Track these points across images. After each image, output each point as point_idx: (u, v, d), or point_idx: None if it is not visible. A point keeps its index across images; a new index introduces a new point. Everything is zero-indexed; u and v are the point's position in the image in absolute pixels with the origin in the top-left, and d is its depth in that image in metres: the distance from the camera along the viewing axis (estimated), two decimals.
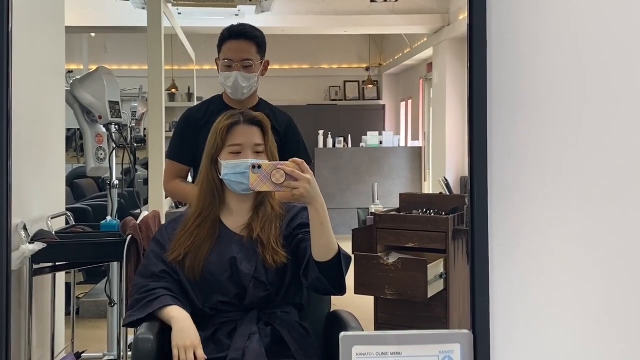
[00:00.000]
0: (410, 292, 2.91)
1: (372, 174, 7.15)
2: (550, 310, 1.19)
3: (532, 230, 1.19)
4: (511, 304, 1.16)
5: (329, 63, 8.77)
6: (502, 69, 1.18)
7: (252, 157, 1.70)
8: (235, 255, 1.70)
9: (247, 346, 1.60)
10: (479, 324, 1.09)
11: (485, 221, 1.12)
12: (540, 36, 1.20)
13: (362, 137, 7.58)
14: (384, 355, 0.98)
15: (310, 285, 1.66)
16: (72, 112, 3.00)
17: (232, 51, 2.16)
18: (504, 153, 1.18)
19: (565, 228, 1.20)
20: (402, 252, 3.12)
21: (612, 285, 1.21)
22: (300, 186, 1.49)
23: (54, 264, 2.42)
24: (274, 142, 1.78)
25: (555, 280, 1.19)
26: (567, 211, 1.20)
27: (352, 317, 1.77)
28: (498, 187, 1.17)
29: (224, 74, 2.17)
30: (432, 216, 3.19)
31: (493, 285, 1.13)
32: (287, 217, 1.75)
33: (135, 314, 1.68)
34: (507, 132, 1.18)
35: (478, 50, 1.14)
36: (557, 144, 1.20)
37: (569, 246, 1.20)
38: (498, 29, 1.18)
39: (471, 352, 1.05)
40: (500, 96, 1.18)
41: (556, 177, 1.20)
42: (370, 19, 6.48)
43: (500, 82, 1.18)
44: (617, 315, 1.20)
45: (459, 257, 3.12)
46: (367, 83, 8.83)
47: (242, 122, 1.75)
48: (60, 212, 2.77)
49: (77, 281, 3.08)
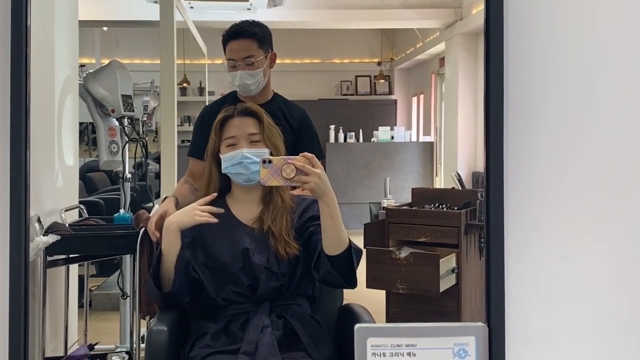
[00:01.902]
0: (422, 287, 2.90)
1: (383, 169, 7.13)
2: (565, 303, 1.18)
3: (547, 225, 1.19)
4: (526, 297, 1.16)
5: (341, 57, 8.74)
6: (518, 65, 1.18)
7: (247, 147, 1.73)
8: (247, 246, 1.70)
9: (260, 339, 1.60)
10: (493, 316, 1.09)
11: (501, 215, 1.12)
12: (556, 32, 1.20)
13: (374, 132, 7.56)
14: (398, 347, 0.98)
15: (321, 278, 1.67)
16: (84, 106, 3.01)
17: (234, 51, 2.19)
18: (519, 149, 1.18)
19: (580, 223, 1.19)
20: (414, 246, 3.12)
21: (627, 279, 1.20)
22: (311, 181, 1.50)
23: (67, 256, 2.44)
24: (274, 131, 1.79)
25: (570, 274, 1.19)
26: (582, 207, 1.19)
27: (364, 310, 1.77)
28: (513, 182, 1.17)
29: (230, 74, 2.21)
30: (444, 211, 3.18)
31: (508, 279, 1.13)
32: (299, 209, 1.76)
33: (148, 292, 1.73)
34: (523, 129, 1.18)
35: (495, 47, 1.14)
36: (572, 140, 1.20)
37: (584, 241, 1.19)
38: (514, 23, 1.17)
39: (486, 344, 1.05)
40: (516, 92, 1.18)
41: (571, 172, 1.20)
42: (382, 13, 6.45)
43: (516, 78, 1.18)
44: (633, 309, 1.19)
45: (471, 252, 3.11)
46: (379, 78, 8.80)
47: (236, 114, 1.78)
48: (74, 205, 2.78)
49: (89, 274, 3.09)
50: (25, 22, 1.11)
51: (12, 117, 1.12)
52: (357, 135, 7.65)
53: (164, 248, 1.69)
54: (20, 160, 1.11)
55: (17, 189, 1.11)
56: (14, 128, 1.12)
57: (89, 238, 2.45)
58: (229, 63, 2.21)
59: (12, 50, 1.11)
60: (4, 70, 1.14)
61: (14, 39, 1.12)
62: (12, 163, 1.12)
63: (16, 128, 1.11)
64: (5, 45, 1.13)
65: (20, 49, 1.10)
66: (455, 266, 3.03)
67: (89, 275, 3.01)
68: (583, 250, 1.19)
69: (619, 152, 1.20)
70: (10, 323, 1.08)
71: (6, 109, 1.13)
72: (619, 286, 1.19)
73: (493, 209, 1.11)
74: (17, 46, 1.11)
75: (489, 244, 1.10)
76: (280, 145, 1.78)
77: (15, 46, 1.11)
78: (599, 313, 1.19)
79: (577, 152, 1.20)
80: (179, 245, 1.68)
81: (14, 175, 1.12)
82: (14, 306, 1.10)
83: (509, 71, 1.16)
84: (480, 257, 3.13)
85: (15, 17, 1.11)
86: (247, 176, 1.73)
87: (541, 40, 1.19)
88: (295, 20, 6.49)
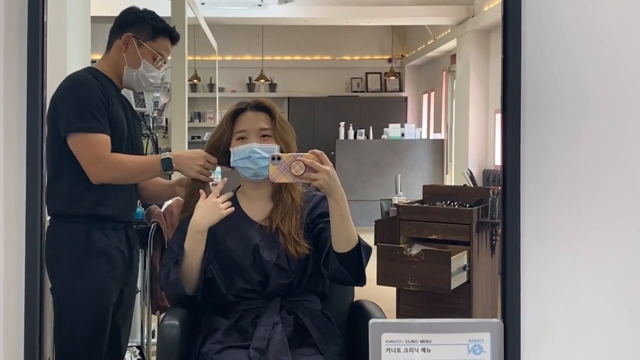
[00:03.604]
0: (433, 284, 2.90)
1: (393, 166, 7.12)
2: (581, 299, 1.17)
3: (564, 221, 1.18)
4: (542, 293, 1.15)
5: (351, 54, 8.73)
6: (536, 61, 1.17)
7: (257, 142, 1.72)
8: (257, 242, 1.70)
9: (271, 337, 1.60)
10: (509, 313, 1.08)
11: (518, 211, 1.11)
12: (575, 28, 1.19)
13: (384, 129, 7.54)
14: (413, 342, 0.98)
15: (329, 275, 1.67)
16: None
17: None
18: (536, 145, 1.17)
19: (597, 218, 1.18)
20: (425, 243, 3.11)
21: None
22: (320, 178, 1.50)
23: None
24: (286, 128, 1.78)
25: (586, 270, 1.18)
26: (598, 202, 1.18)
27: (375, 307, 1.76)
28: (530, 177, 1.16)
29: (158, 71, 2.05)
30: (456, 208, 3.17)
31: (524, 274, 1.12)
32: (308, 206, 1.76)
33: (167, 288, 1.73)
34: (540, 126, 1.17)
35: (512, 43, 1.13)
36: (589, 136, 1.19)
37: (600, 236, 1.18)
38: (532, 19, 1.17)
39: (501, 341, 1.04)
40: (534, 89, 1.17)
41: (588, 168, 1.19)
42: (393, 10, 6.43)
43: (534, 75, 1.17)
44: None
45: (483, 250, 3.10)
46: (389, 75, 8.77)
47: (248, 108, 1.77)
48: None
49: None
50: (42, 20, 1.12)
51: (28, 114, 1.13)
52: (367, 133, 7.63)
53: (188, 247, 1.66)
54: (36, 157, 1.12)
55: (33, 186, 1.12)
56: (31, 124, 1.13)
57: None
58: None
59: (28, 48, 1.12)
60: (20, 68, 1.14)
61: (31, 37, 1.12)
62: (29, 159, 1.13)
63: (33, 124, 1.12)
64: (21, 42, 1.14)
65: (37, 47, 1.11)
66: (466, 263, 3.02)
67: None
68: (600, 245, 1.18)
69: (636, 148, 1.20)
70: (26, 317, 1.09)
71: (22, 105, 1.14)
72: (637, 282, 1.18)
73: (509, 204, 1.11)
74: (33, 44, 1.12)
75: (505, 240, 1.09)
76: (291, 143, 1.77)
77: (32, 44, 1.12)
78: (616, 309, 1.19)
79: (594, 148, 1.19)
80: (204, 245, 1.67)
81: (30, 172, 1.12)
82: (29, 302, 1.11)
83: (526, 67, 1.15)
84: (492, 254, 3.12)
85: (31, 16, 1.12)
86: (254, 171, 1.72)
87: (559, 37, 1.18)
88: (305, 17, 6.48)
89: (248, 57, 8.19)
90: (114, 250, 1.88)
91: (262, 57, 8.08)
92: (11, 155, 1.17)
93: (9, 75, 1.16)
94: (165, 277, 1.69)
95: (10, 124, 1.16)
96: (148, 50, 1.93)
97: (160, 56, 1.95)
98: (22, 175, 1.14)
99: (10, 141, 1.16)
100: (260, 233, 1.72)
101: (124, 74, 1.93)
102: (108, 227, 1.88)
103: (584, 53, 1.18)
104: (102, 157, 1.80)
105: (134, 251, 1.97)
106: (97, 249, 1.84)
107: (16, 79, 1.16)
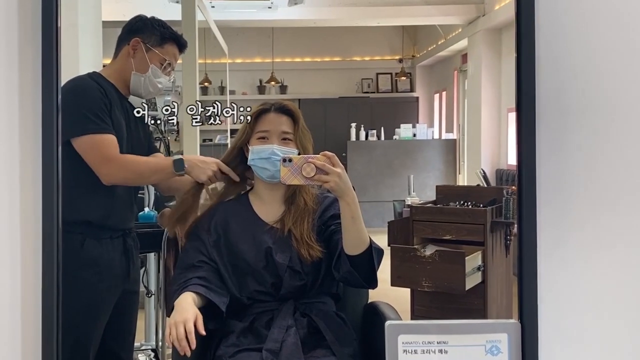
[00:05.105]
0: (448, 285, 2.89)
1: (405, 166, 7.10)
2: (599, 300, 1.16)
3: (580, 221, 1.17)
4: (559, 294, 1.14)
5: (361, 55, 8.72)
6: (550, 60, 1.16)
7: (278, 144, 1.72)
8: (270, 245, 1.70)
9: (285, 339, 1.60)
10: (526, 313, 1.07)
11: (534, 211, 1.10)
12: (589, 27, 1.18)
13: (395, 130, 7.52)
14: (429, 344, 0.97)
15: (341, 278, 1.66)
16: None
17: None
18: (551, 145, 1.16)
19: (615, 218, 1.17)
20: (438, 244, 3.10)
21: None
22: (331, 179, 1.50)
23: None
24: (306, 134, 1.78)
25: (605, 270, 1.16)
26: (616, 202, 1.17)
27: (390, 308, 1.76)
28: (546, 177, 1.15)
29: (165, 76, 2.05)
30: (470, 208, 3.16)
31: (541, 275, 1.11)
32: (320, 208, 1.75)
33: (170, 305, 1.70)
34: (556, 126, 1.16)
35: (526, 42, 1.12)
36: (605, 135, 1.18)
37: (620, 236, 1.17)
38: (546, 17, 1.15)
39: (518, 341, 1.04)
40: (549, 91, 1.16)
41: (605, 169, 1.17)
42: (403, 10, 6.41)
43: (548, 76, 1.16)
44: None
45: (497, 250, 3.09)
46: (400, 75, 8.75)
47: (272, 110, 1.77)
48: None
49: None
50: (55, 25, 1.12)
51: (43, 118, 1.13)
52: (379, 133, 7.62)
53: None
54: (52, 161, 1.12)
55: (48, 189, 1.12)
56: (46, 129, 1.13)
57: None
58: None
59: (43, 53, 1.12)
60: (35, 72, 1.15)
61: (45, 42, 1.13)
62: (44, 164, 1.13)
63: (48, 129, 1.13)
64: (36, 48, 1.15)
65: (51, 52, 1.11)
66: (481, 264, 3.01)
67: None
68: (619, 245, 1.17)
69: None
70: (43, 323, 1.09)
71: (37, 110, 1.14)
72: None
73: (525, 204, 1.10)
74: (47, 49, 1.12)
75: (521, 240, 1.08)
76: (309, 149, 1.76)
77: (46, 49, 1.12)
78: (634, 311, 1.17)
79: (611, 148, 1.18)
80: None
81: (46, 175, 1.13)
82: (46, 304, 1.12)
83: (540, 66, 1.14)
84: (507, 254, 3.10)
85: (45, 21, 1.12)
86: (272, 173, 1.71)
87: (574, 36, 1.16)
88: (315, 19, 6.48)
89: (258, 59, 8.20)
90: (107, 260, 1.87)
91: (273, 59, 8.09)
92: (27, 160, 1.17)
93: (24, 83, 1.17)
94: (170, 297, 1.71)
95: (26, 128, 1.17)
96: (156, 55, 1.93)
97: (167, 62, 1.95)
98: (37, 181, 1.14)
99: (26, 146, 1.17)
100: (272, 235, 1.72)
101: (131, 80, 1.92)
102: (105, 235, 1.87)
103: (599, 50, 1.17)
104: (112, 157, 1.79)
105: (132, 259, 1.95)
106: (91, 258, 1.82)
107: (30, 85, 1.16)
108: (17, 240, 1.16)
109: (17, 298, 1.17)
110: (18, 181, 1.17)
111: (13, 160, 1.17)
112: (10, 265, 1.16)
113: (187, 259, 1.74)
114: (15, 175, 1.17)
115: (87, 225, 1.83)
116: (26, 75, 1.17)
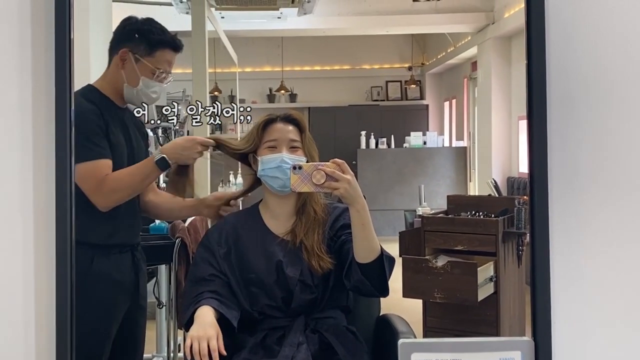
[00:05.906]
0: (460, 296, 2.87)
1: (416, 174, 7.09)
2: (615, 316, 1.14)
3: (594, 234, 1.15)
4: (573, 310, 1.12)
5: (371, 63, 8.72)
6: (560, 67, 1.15)
7: (287, 153, 1.72)
8: (280, 259, 1.70)
9: (295, 356, 1.60)
10: (540, 331, 1.06)
11: (546, 225, 1.09)
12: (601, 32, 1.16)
13: (405, 138, 7.51)
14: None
15: (352, 287, 1.65)
16: None
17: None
18: (563, 153, 1.15)
19: (632, 228, 1.15)
20: (450, 254, 3.08)
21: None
22: (341, 187, 1.50)
23: None
24: (312, 142, 1.78)
25: (620, 286, 1.15)
26: (632, 210, 1.15)
27: (402, 321, 1.75)
28: (558, 189, 1.14)
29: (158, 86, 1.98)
30: (482, 218, 3.14)
31: (554, 292, 1.10)
32: (330, 218, 1.75)
33: (183, 319, 1.70)
34: (567, 133, 1.15)
35: (536, 48, 1.11)
36: (618, 140, 1.16)
37: (633, 250, 1.15)
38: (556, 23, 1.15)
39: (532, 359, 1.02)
40: (560, 98, 1.15)
41: (618, 178, 1.16)
42: (412, 19, 6.42)
43: (559, 83, 1.15)
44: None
45: (509, 260, 3.07)
46: (410, 83, 8.75)
47: (278, 120, 1.78)
48: None
49: None
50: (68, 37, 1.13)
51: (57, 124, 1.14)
52: (389, 141, 7.61)
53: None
54: (65, 168, 1.12)
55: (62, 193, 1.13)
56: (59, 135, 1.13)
57: None
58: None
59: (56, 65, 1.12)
60: (48, 85, 1.15)
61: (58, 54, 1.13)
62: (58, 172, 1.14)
63: (61, 136, 1.13)
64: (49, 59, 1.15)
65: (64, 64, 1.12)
66: (493, 274, 2.99)
67: None
68: (633, 259, 1.15)
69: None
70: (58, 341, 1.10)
71: (51, 118, 1.15)
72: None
73: (537, 217, 1.08)
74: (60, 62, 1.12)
75: (534, 254, 1.07)
76: (316, 157, 1.77)
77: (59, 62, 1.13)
78: None
79: (624, 153, 1.16)
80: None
81: (59, 179, 1.13)
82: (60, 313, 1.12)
83: (551, 73, 1.13)
84: (519, 264, 3.08)
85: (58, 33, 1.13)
86: (283, 181, 1.70)
87: (584, 42, 1.15)
88: (325, 28, 6.50)
89: (268, 68, 8.23)
90: (117, 275, 1.86)
91: (282, 68, 8.11)
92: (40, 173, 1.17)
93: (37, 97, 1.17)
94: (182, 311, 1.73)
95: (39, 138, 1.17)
96: (146, 67, 1.86)
97: (161, 71, 1.89)
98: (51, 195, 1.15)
99: (39, 160, 1.17)
100: (282, 248, 1.72)
101: (124, 91, 1.87)
102: (113, 251, 1.86)
103: (609, 57, 1.16)
104: (100, 183, 1.75)
105: (140, 273, 1.95)
106: (101, 274, 1.81)
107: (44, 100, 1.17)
108: (30, 261, 1.16)
109: (31, 316, 1.17)
110: (32, 203, 1.18)
111: (26, 182, 1.17)
112: (23, 285, 1.16)
113: (198, 272, 1.74)
114: (29, 195, 1.17)
115: (93, 245, 1.81)
116: (39, 89, 1.17)
